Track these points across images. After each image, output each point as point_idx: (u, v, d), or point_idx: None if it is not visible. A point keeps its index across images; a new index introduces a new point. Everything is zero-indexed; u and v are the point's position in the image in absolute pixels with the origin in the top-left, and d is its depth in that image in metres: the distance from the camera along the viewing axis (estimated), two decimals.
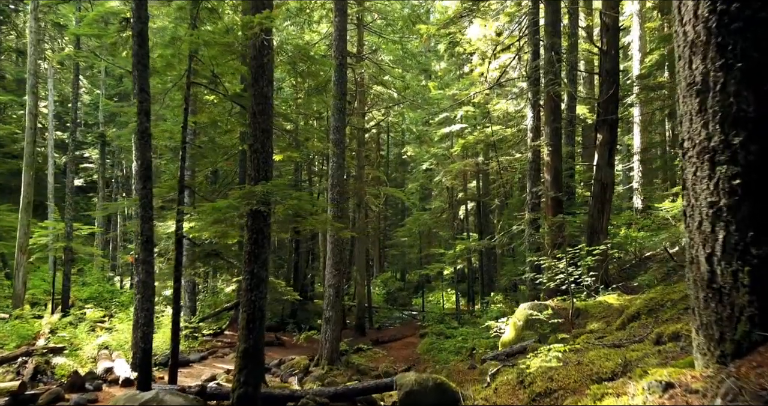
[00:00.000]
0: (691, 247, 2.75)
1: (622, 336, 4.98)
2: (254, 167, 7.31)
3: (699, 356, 2.73)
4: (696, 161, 2.71)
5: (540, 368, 4.10)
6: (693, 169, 2.74)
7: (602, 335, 5.66)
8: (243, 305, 7.14)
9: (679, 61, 2.88)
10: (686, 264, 2.85)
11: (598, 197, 12.61)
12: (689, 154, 2.79)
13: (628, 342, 4.50)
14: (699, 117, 2.69)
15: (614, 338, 4.96)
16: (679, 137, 2.90)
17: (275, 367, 14.27)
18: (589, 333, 6.91)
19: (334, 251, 14.72)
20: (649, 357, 3.39)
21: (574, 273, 8.94)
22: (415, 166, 35.17)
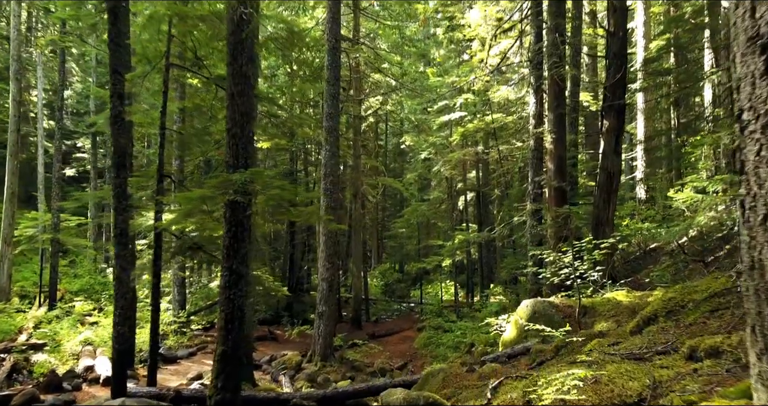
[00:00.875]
0: (752, 248, 2.14)
1: (641, 343, 4.38)
2: (232, 154, 6.68)
3: (760, 387, 2.12)
4: (761, 137, 2.09)
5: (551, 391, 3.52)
6: (756, 148, 2.12)
7: (616, 340, 5.06)
8: (221, 304, 6.55)
9: (736, 10, 2.25)
10: (743, 270, 2.22)
11: (604, 187, 12.00)
12: (750, 129, 2.16)
13: (651, 353, 3.91)
14: (765, 80, 2.06)
15: (632, 346, 4.37)
16: (736, 107, 2.27)
17: (266, 364, 13.72)
18: (599, 337, 6.32)
19: (327, 244, 14.13)
20: (685, 379, 2.80)
21: (580, 268, 8.35)
22: (413, 155, 34.52)
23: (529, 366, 6.79)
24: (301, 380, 12.52)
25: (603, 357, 4.03)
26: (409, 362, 16.14)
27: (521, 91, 20.23)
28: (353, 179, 21.92)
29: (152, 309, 8.81)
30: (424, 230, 31.55)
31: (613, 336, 6.00)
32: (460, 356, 15.42)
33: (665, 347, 3.97)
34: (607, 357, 4.03)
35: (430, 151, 25.58)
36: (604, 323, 7.30)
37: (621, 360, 3.80)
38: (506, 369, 6.95)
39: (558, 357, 6.49)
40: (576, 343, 6.53)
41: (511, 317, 9.39)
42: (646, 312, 5.52)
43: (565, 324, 7.95)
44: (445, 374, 7.20)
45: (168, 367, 12.99)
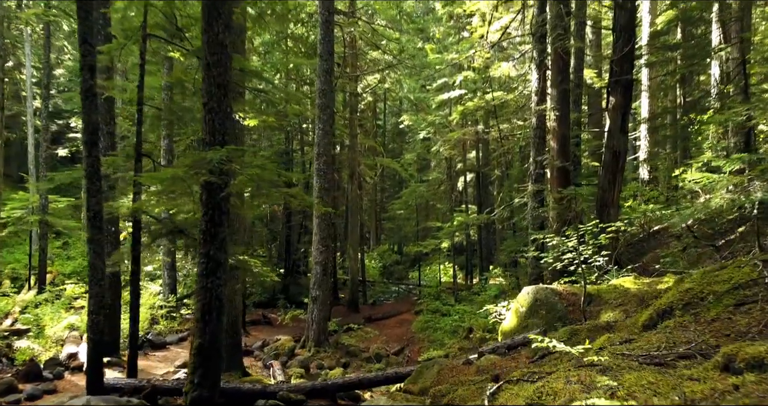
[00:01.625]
0: None
1: (658, 342, 3.87)
2: (208, 130, 6.12)
3: None
4: None
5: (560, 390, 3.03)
6: None
7: (628, 335, 4.55)
8: (197, 294, 6.06)
9: None
10: None
11: (610, 167, 11.43)
12: None
13: (672, 356, 3.40)
14: None
15: (648, 346, 3.86)
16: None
17: (258, 350, 13.32)
18: (607, 330, 5.83)
19: (321, 226, 13.62)
20: (725, 398, 2.30)
21: (585, 252, 7.85)
22: (412, 136, 33.84)
23: (530, 359, 6.31)
24: (294, 367, 12.12)
25: (616, 360, 3.52)
26: (406, 347, 15.77)
27: (523, 68, 19.53)
28: (350, 160, 21.35)
29: (131, 297, 8.33)
30: (423, 211, 31.04)
31: (623, 330, 5.50)
32: (458, 341, 15.07)
33: (688, 349, 3.46)
34: (622, 360, 3.52)
35: (428, 131, 24.94)
36: (611, 312, 6.82)
37: (639, 365, 3.29)
38: (506, 362, 6.49)
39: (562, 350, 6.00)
40: (582, 335, 6.04)
41: (511, 305, 8.92)
42: (661, 304, 5.01)
43: (568, 314, 7.48)
44: (440, 366, 6.74)
45: (156, 353, 12.59)
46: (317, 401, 7.47)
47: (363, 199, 30.13)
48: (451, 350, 13.84)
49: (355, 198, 21.09)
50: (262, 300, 22.99)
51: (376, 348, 14.52)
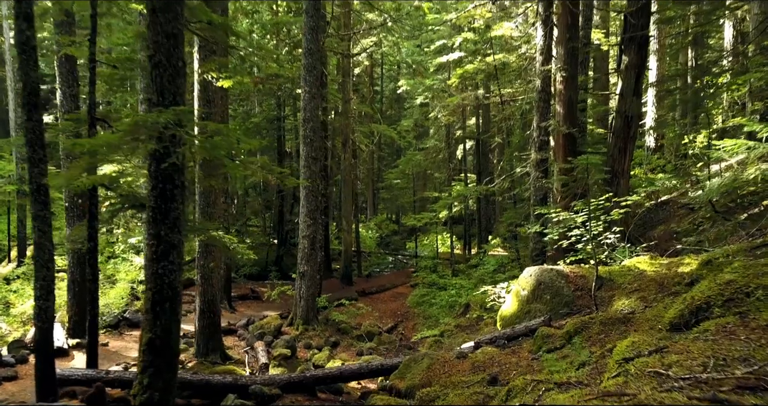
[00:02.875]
0: None
1: (701, 355, 3.01)
2: (156, 88, 5.14)
3: None
4: None
5: None
6: None
7: (657, 342, 3.67)
8: (147, 281, 5.20)
9: None
10: None
11: (621, 134, 10.47)
12: None
13: (731, 384, 2.54)
14: None
15: (689, 361, 2.99)
16: None
17: (242, 328, 12.59)
18: (624, 324, 4.98)
19: (308, 198, 12.72)
20: None
21: (595, 229, 6.98)
22: (410, 102, 32.57)
23: (532, 355, 5.50)
24: (279, 348, 11.40)
25: (650, 387, 2.67)
26: (400, 323, 15.08)
27: (526, 29, 18.26)
28: (342, 126, 20.28)
29: (91, 277, 7.49)
30: (420, 180, 30.12)
31: (644, 325, 4.66)
32: (454, 318, 14.36)
33: (749, 373, 2.60)
34: (658, 386, 2.67)
35: (426, 96, 23.75)
36: (626, 299, 5.97)
37: (687, 400, 2.43)
38: (505, 356, 5.68)
39: (570, 346, 5.19)
40: (593, 329, 5.20)
41: (511, 287, 8.10)
42: (694, 298, 4.14)
43: (576, 299, 6.64)
44: (430, 360, 5.93)
45: (133, 332, 11.86)
46: (294, 395, 6.71)
47: (358, 168, 29.15)
48: (447, 329, 13.14)
49: (348, 167, 20.12)
50: (253, 272, 22.29)
51: (368, 325, 13.82)
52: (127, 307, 12.67)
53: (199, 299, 9.83)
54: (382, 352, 12.34)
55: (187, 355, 10.00)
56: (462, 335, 11.79)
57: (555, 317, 6.53)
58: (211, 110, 9.66)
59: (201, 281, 9.76)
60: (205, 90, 9.67)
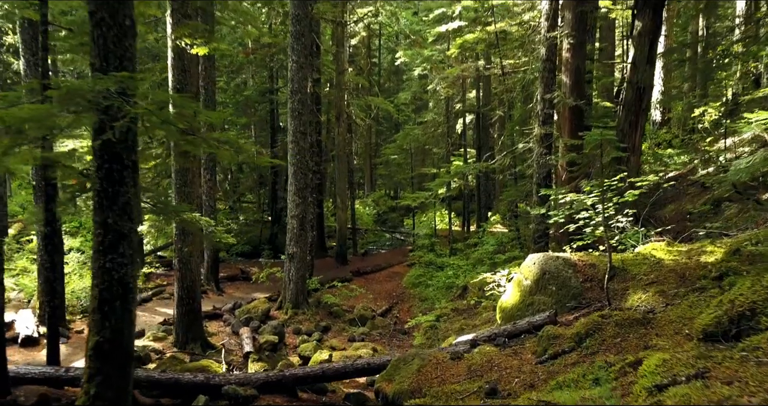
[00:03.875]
0: None
1: (760, 390, 2.35)
2: (99, 52, 4.36)
3: None
4: None
5: None
6: None
7: (695, 363, 3.00)
8: (94, 276, 4.51)
9: None
10: None
11: (632, 106, 9.68)
12: None
13: None
14: None
15: (746, 396, 2.33)
16: None
17: (228, 313, 11.98)
18: (644, 325, 4.30)
19: (296, 176, 11.97)
20: None
21: (607, 211, 6.27)
22: (408, 74, 31.50)
23: (537, 358, 4.84)
24: (266, 334, 10.80)
25: None
26: (395, 306, 14.50)
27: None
28: (336, 99, 19.40)
29: (49, 266, 6.80)
30: (419, 156, 29.25)
31: (672, 335, 3.98)
32: (451, 301, 13.76)
33: None
34: None
35: (424, 67, 22.75)
36: (642, 293, 5.29)
37: None
38: (505, 358, 5.03)
39: (580, 350, 4.52)
40: (608, 331, 4.53)
41: (513, 275, 7.42)
42: (735, 302, 3.44)
43: (585, 291, 5.96)
44: (421, 361, 5.28)
45: None
46: (272, 397, 6.09)
47: (355, 142, 28.31)
48: (443, 312, 12.55)
49: (342, 142, 19.30)
50: (245, 251, 21.68)
51: (361, 308, 13.23)
52: None
53: (177, 284, 9.18)
54: (375, 337, 11.78)
55: (165, 344, 9.41)
56: (459, 321, 11.19)
57: (561, 310, 5.87)
58: (186, 80, 8.84)
59: (179, 265, 9.09)
60: (179, 58, 8.83)
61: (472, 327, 10.53)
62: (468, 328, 10.50)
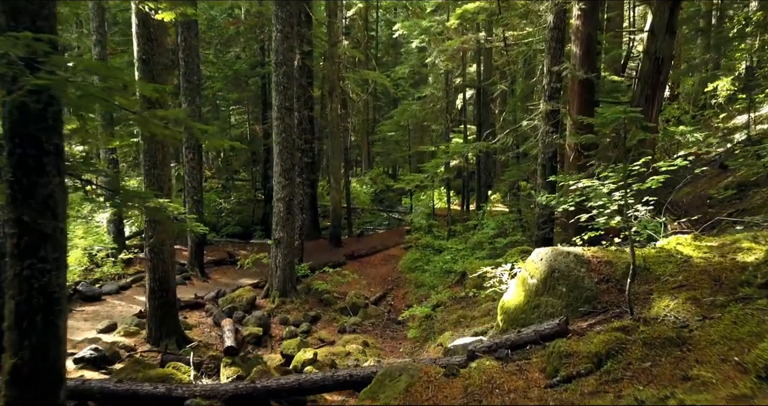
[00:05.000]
0: None
1: None
2: (6, 8, 3.49)
3: None
4: None
5: None
6: None
7: None
8: (10, 286, 3.72)
9: None
10: None
11: (648, 79, 8.78)
12: None
13: None
14: None
15: None
16: None
17: (210, 302, 11.25)
18: (679, 349, 3.51)
19: (282, 155, 11.10)
20: None
21: (623, 199, 5.45)
22: (407, 46, 30.29)
23: (547, 380, 4.07)
24: (250, 326, 10.11)
25: None
26: (389, 292, 13.78)
27: None
28: (329, 73, 18.37)
29: None
30: (417, 133, 28.28)
31: (717, 363, 3.19)
32: (449, 288, 13.02)
33: None
34: None
35: (423, 39, 21.63)
36: (669, 300, 4.50)
37: None
38: (508, 377, 4.26)
39: (600, 375, 3.75)
40: (634, 352, 3.74)
41: (515, 269, 6.63)
42: None
43: (600, 294, 5.17)
44: (410, 379, 4.52)
45: (86, 308, 10.52)
46: None
47: (351, 118, 27.30)
48: (440, 300, 11.81)
49: (336, 118, 18.34)
50: (236, 232, 20.93)
51: (354, 295, 12.51)
52: (79, 280, 11.26)
53: (148, 275, 8.41)
54: (368, 327, 11.07)
55: (138, 339, 8.68)
56: (456, 311, 10.46)
57: (572, 315, 5.10)
58: (153, 50, 7.92)
59: (150, 255, 8.31)
60: (144, 26, 7.89)
61: (471, 319, 9.80)
62: (466, 320, 9.77)
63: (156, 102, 6.47)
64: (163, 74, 8.03)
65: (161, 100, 6.14)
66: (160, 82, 8.03)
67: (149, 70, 7.87)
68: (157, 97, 5.76)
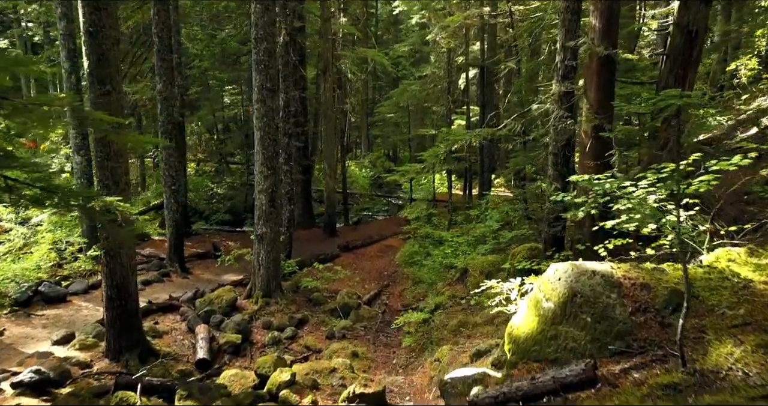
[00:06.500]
0: None
1: None
2: None
3: None
4: None
5: None
6: None
7: None
8: None
9: None
10: None
11: (679, 55, 7.61)
12: None
13: None
14: None
15: None
16: None
17: (186, 304, 10.23)
18: None
19: (264, 142, 9.99)
20: None
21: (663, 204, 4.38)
22: (407, 22, 28.86)
23: None
24: (228, 332, 9.13)
25: None
26: (385, 289, 12.77)
27: None
28: (323, 50, 17.13)
29: None
30: (418, 114, 27.02)
31: None
32: (449, 286, 11.99)
33: None
34: None
35: (423, 15, 20.30)
36: (732, 345, 3.45)
37: None
38: None
39: None
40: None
41: (526, 286, 5.56)
42: None
43: (636, 328, 4.10)
44: None
45: (47, 312, 9.53)
46: None
47: (348, 99, 26.03)
48: (440, 301, 10.78)
49: (329, 100, 17.14)
50: (227, 219, 19.87)
51: (346, 294, 11.51)
52: (41, 280, 10.24)
53: (104, 282, 7.39)
54: (359, 332, 10.06)
55: (95, 353, 7.69)
56: (457, 315, 9.45)
57: (600, 354, 4.05)
58: (103, 22, 6.77)
59: (106, 259, 7.27)
60: None
61: (473, 327, 8.79)
62: (467, 328, 8.77)
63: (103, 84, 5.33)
64: (114, 49, 6.89)
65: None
66: (112, 58, 6.91)
67: (97, 44, 6.74)
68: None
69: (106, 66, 6.86)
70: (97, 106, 6.78)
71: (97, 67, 6.83)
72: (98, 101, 6.83)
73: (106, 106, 6.84)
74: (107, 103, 6.89)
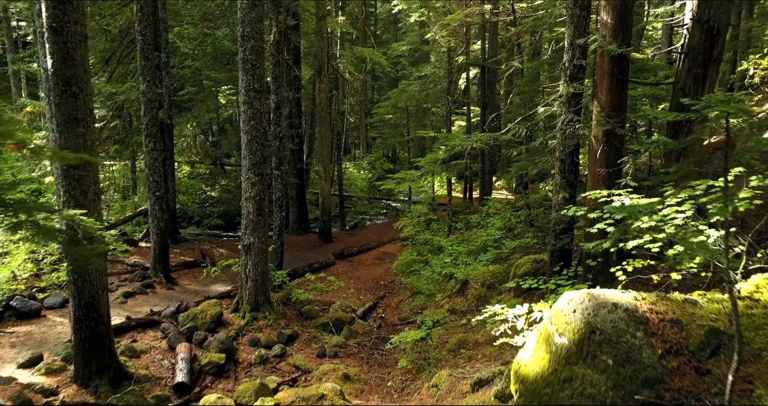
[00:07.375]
0: None
1: None
2: None
3: None
4: None
5: None
6: None
7: None
8: None
9: None
10: None
11: (698, 54, 6.98)
12: None
13: None
14: None
15: None
16: None
17: (168, 319, 9.60)
18: None
19: (251, 146, 9.37)
20: None
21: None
22: (405, 20, 28.25)
23: None
24: (211, 351, 8.51)
25: None
26: (381, 300, 12.15)
27: None
28: (317, 49, 16.51)
29: None
30: (417, 115, 26.37)
31: None
32: (449, 297, 11.37)
33: None
34: None
35: (422, 13, 19.69)
36: None
37: None
38: None
39: None
40: None
41: (535, 314, 4.93)
42: None
43: (669, 375, 3.47)
44: None
45: (18, 328, 8.91)
46: None
47: (345, 100, 25.44)
48: (438, 315, 10.14)
49: (324, 101, 16.52)
50: (219, 224, 19.25)
51: (339, 307, 10.92)
52: (16, 292, 9.63)
53: (72, 302, 6.78)
54: (353, 349, 9.43)
55: (62, 378, 7.06)
56: (457, 333, 8.81)
57: (626, 404, 3.42)
58: (68, 16, 6.15)
59: (73, 276, 6.66)
60: None
61: (473, 346, 8.16)
62: (467, 348, 8.13)
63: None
64: (81, 47, 6.27)
65: None
66: (78, 57, 6.29)
67: (62, 41, 6.13)
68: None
69: (71, 66, 6.25)
70: (61, 111, 6.17)
71: (62, 67, 6.22)
72: (62, 105, 6.21)
73: (71, 110, 6.24)
74: (73, 107, 6.28)
